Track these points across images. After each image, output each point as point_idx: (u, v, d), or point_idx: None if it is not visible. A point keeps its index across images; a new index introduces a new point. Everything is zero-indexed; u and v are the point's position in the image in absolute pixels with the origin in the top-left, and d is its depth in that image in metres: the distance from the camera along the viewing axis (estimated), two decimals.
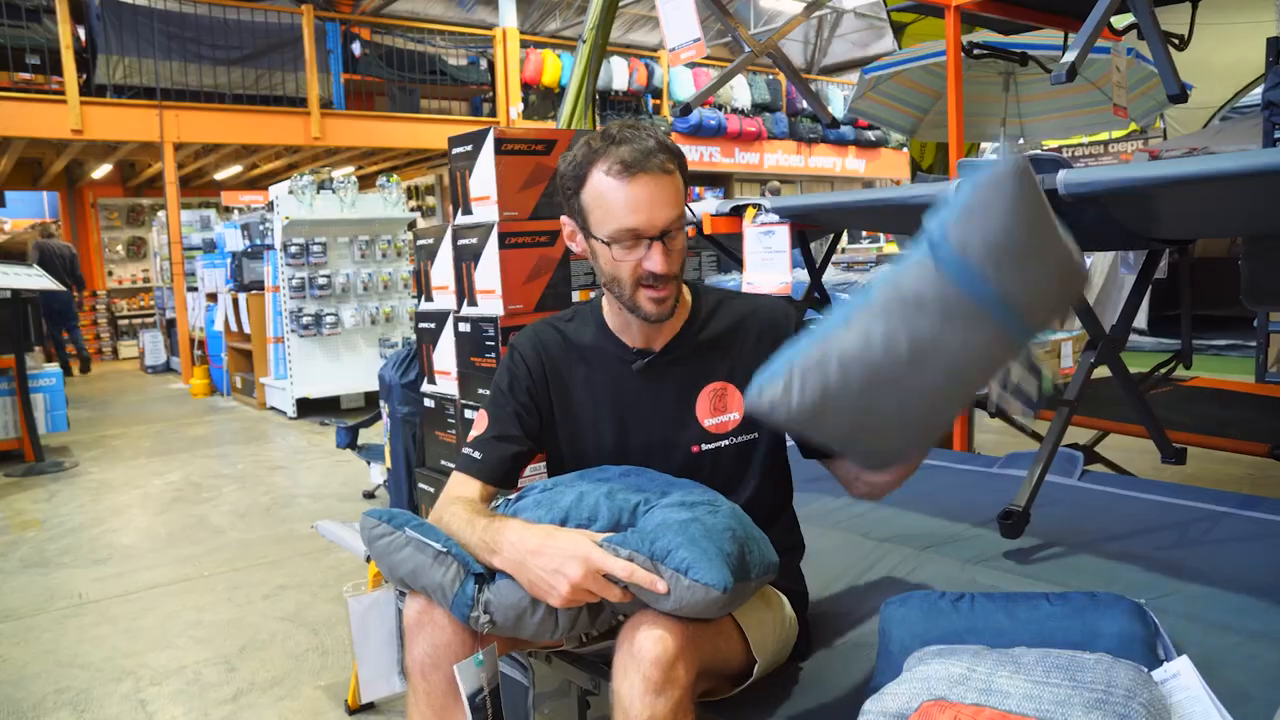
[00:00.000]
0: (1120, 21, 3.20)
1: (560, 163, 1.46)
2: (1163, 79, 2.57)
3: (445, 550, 1.34)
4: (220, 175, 13.03)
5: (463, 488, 1.54)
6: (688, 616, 1.26)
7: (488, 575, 1.35)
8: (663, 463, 1.53)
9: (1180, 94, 2.54)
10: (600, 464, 1.56)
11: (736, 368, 1.54)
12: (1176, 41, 2.96)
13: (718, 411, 1.54)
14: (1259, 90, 5.70)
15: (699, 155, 13.33)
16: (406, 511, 1.43)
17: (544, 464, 1.67)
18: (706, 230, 3.03)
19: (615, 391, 1.56)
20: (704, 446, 1.54)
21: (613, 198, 1.39)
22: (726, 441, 1.55)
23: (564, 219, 1.50)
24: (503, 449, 1.56)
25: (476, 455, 1.57)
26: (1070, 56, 2.38)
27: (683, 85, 12.99)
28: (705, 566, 1.22)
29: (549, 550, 1.28)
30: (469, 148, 3.18)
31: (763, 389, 1.19)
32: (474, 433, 1.60)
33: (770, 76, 14.23)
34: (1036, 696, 1.15)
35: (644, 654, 1.23)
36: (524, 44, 11.85)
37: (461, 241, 3.26)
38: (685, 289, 1.59)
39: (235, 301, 7.98)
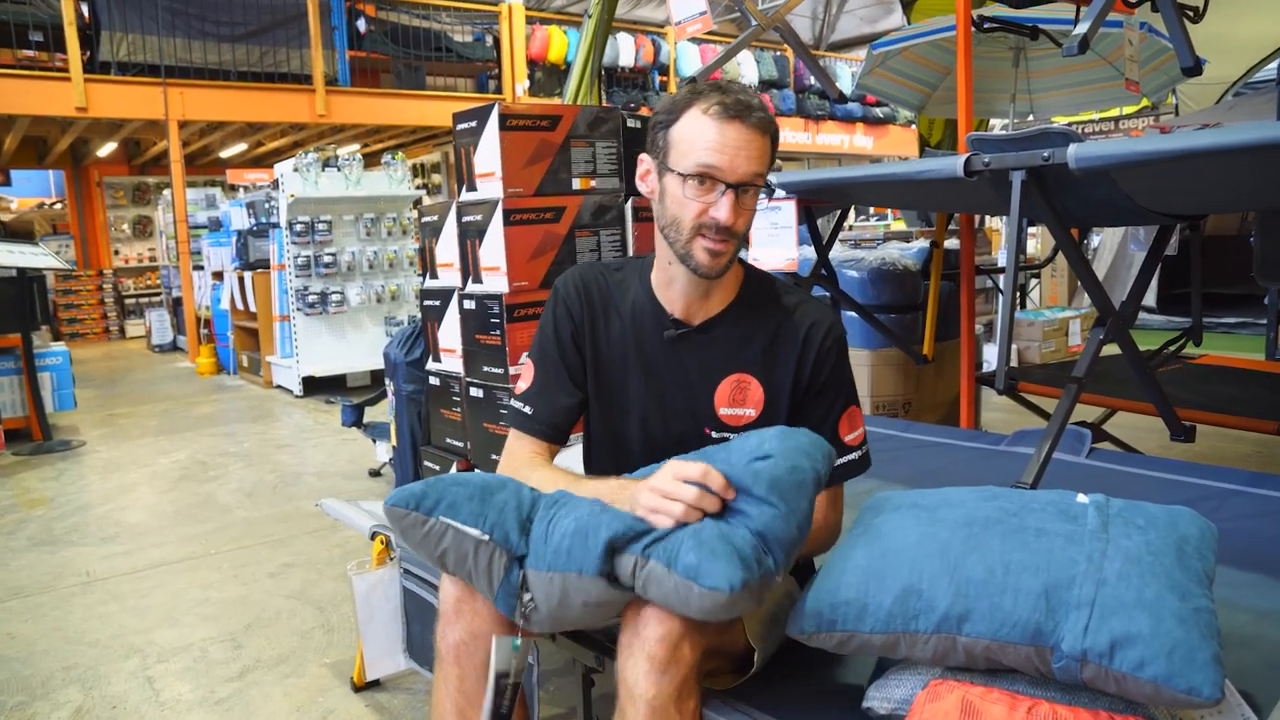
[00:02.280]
0: None
1: (659, 104, 1.46)
2: (1177, 52, 2.53)
3: (487, 537, 1.29)
4: (225, 153, 12.99)
5: (525, 448, 1.55)
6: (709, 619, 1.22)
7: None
8: (679, 434, 1.52)
9: (1195, 67, 2.50)
10: (624, 420, 1.56)
11: (766, 364, 1.51)
12: (1191, 14, 2.91)
13: (736, 403, 1.52)
14: (1274, 65, 5.64)
15: None
16: (430, 488, 1.35)
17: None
18: None
19: (643, 352, 1.55)
20: (713, 434, 1.52)
21: (703, 134, 1.38)
22: (736, 435, 1.50)
23: (642, 156, 1.49)
24: (554, 401, 1.56)
25: (528, 411, 1.56)
26: (1082, 28, 2.34)
27: (689, 61, 12.88)
28: (711, 568, 1.17)
29: (623, 490, 1.32)
30: (474, 124, 3.16)
31: None
32: (522, 384, 1.59)
33: (778, 52, 14.10)
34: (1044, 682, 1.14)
35: (649, 632, 1.22)
36: (530, 20, 11.75)
37: (466, 218, 3.25)
38: (739, 267, 1.56)
39: (241, 280, 7.97)
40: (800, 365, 1.50)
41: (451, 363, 3.45)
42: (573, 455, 1.69)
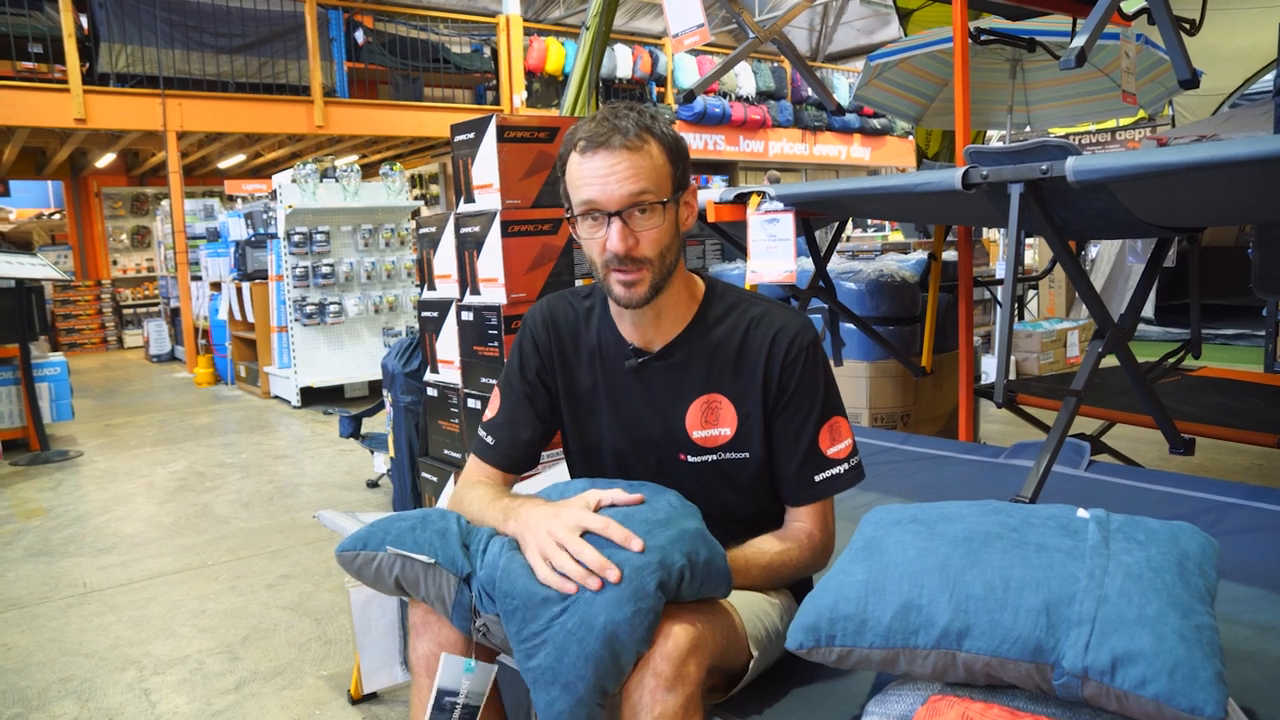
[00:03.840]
0: (1130, 6, 3.16)
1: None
2: (1174, 64, 2.54)
3: (433, 562, 1.34)
4: (224, 164, 13.01)
5: (480, 473, 1.57)
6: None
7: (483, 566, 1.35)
8: (656, 464, 1.51)
9: (1192, 79, 2.51)
10: (598, 450, 1.56)
11: (734, 380, 1.47)
12: (1188, 26, 2.92)
13: (708, 424, 1.48)
14: (1270, 76, 5.66)
15: (703, 143, 13.29)
16: (377, 524, 1.42)
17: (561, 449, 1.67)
18: (710, 218, 3.01)
19: (611, 383, 1.53)
20: (690, 458, 1.50)
21: (577, 173, 1.37)
22: (714, 456, 1.49)
23: (564, 207, 1.48)
24: (514, 434, 1.56)
25: (489, 440, 1.57)
26: (1080, 41, 2.35)
27: (687, 72, 12.94)
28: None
29: (547, 514, 1.32)
30: (471, 135, 3.16)
31: None
32: (488, 413, 1.60)
33: (775, 64, 14.16)
34: (1044, 698, 1.14)
35: (654, 650, 1.21)
36: (527, 31, 11.80)
37: (464, 230, 3.25)
38: (699, 286, 1.52)
39: (239, 290, 7.97)
40: (767, 375, 1.46)
41: (449, 374, 3.44)
42: (531, 486, 1.71)
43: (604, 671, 1.19)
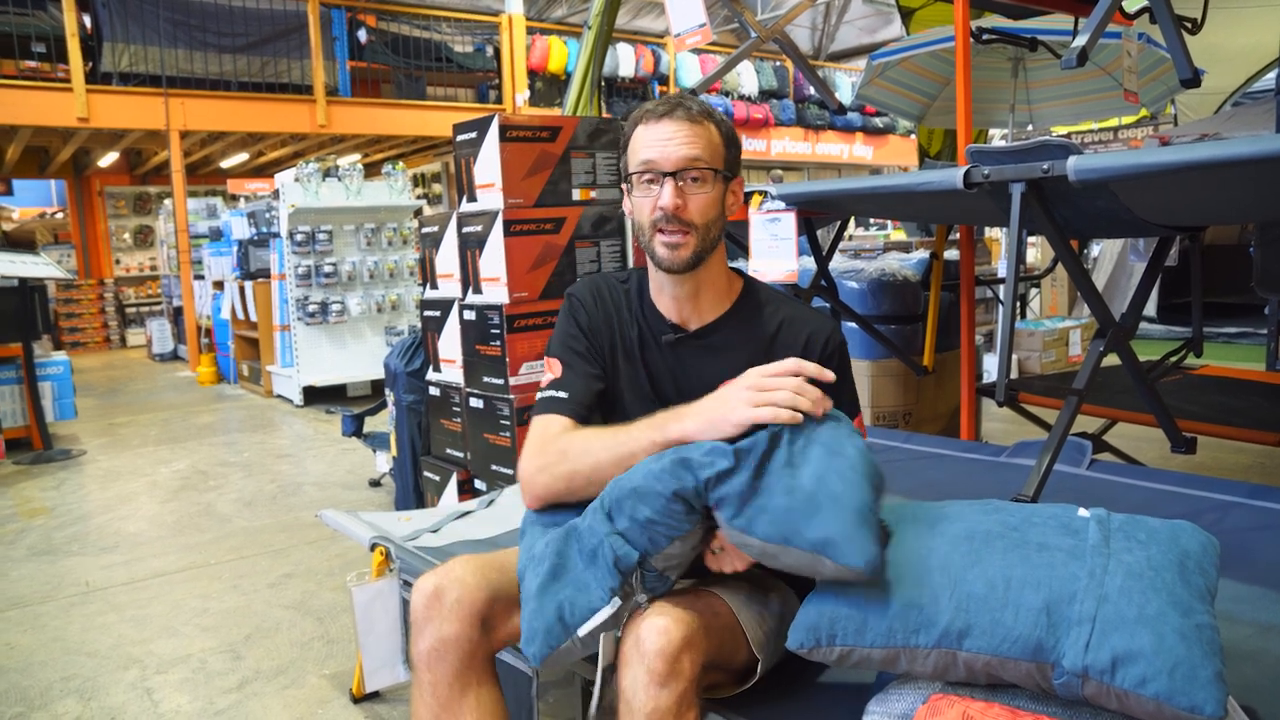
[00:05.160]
0: (1132, 4, 3.16)
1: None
2: (1175, 63, 2.54)
3: (618, 602, 1.28)
4: (226, 163, 13.02)
5: (557, 424, 1.48)
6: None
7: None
8: None
9: (1193, 79, 2.51)
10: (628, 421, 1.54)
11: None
12: (1189, 25, 2.92)
13: None
14: (1272, 75, 5.65)
15: None
16: (532, 620, 1.32)
17: None
18: None
19: (648, 360, 1.58)
20: None
21: (642, 138, 1.49)
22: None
23: (623, 185, 1.57)
24: (587, 386, 1.54)
25: (563, 395, 1.52)
26: (1081, 40, 2.35)
27: (689, 71, 12.92)
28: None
29: (731, 386, 1.35)
30: (474, 134, 3.16)
31: None
32: (549, 376, 1.56)
33: (777, 63, 14.14)
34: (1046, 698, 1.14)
35: (648, 645, 1.22)
36: (530, 30, 11.79)
37: (466, 229, 3.25)
38: (738, 280, 1.60)
39: (242, 289, 7.98)
40: None
41: (451, 373, 3.45)
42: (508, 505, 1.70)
43: (877, 484, 1.27)
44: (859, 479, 1.24)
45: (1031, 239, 7.85)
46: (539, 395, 1.55)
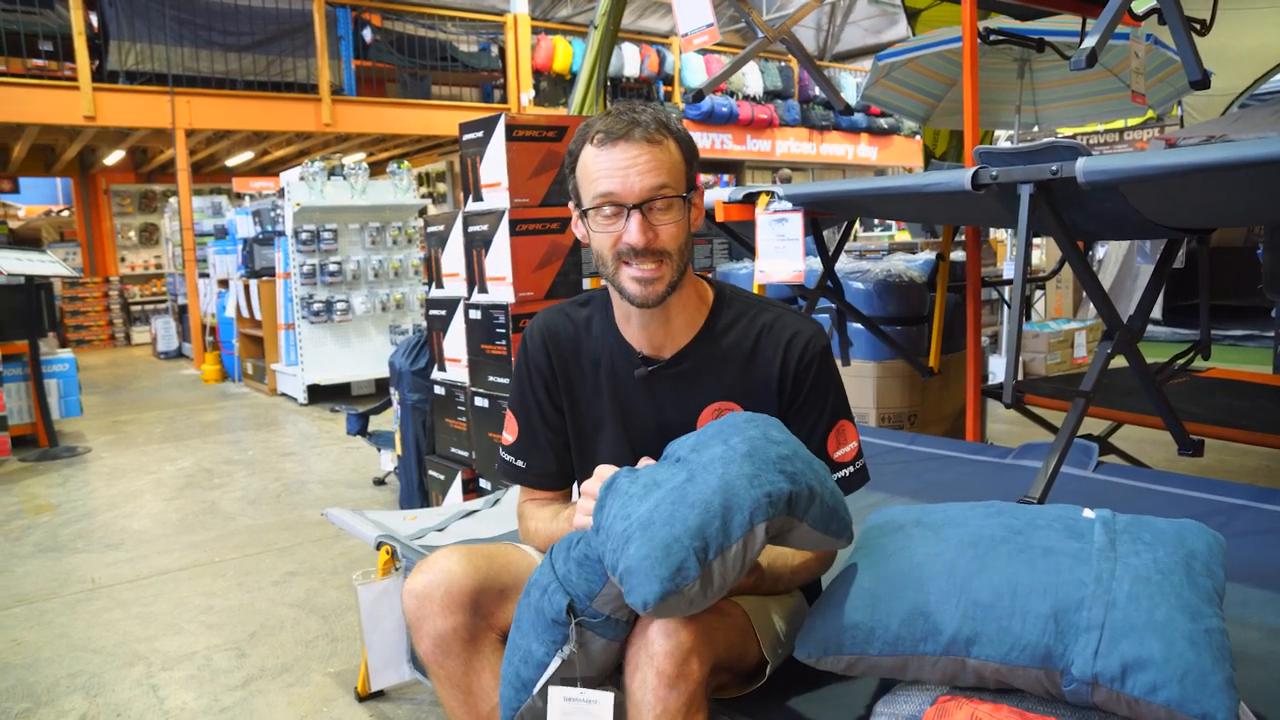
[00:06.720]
0: (1140, 5, 3.15)
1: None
2: (1184, 64, 2.53)
3: (569, 648, 1.28)
4: (232, 162, 13.04)
5: (527, 498, 1.61)
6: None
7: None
8: None
9: (1203, 80, 2.50)
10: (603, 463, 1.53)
11: (745, 387, 1.46)
12: (1198, 26, 2.91)
13: None
14: (1279, 77, 5.64)
15: (710, 142, 13.27)
16: (505, 690, 1.34)
17: None
18: (719, 218, 3.01)
19: (617, 394, 1.51)
20: None
21: (595, 165, 1.35)
22: None
23: (570, 205, 1.47)
24: (544, 450, 1.57)
25: (520, 464, 1.58)
26: (1090, 42, 2.34)
27: (694, 72, 12.92)
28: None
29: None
30: (480, 134, 3.17)
31: None
32: (508, 436, 1.59)
33: (782, 63, 14.13)
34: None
35: (657, 647, 1.22)
36: (535, 30, 11.79)
37: (472, 228, 3.25)
38: (708, 291, 1.50)
39: (247, 288, 7.99)
40: (781, 381, 1.45)
41: (457, 372, 3.45)
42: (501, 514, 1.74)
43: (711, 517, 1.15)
44: (688, 507, 1.17)
45: (1037, 241, 7.84)
46: (500, 453, 1.61)
